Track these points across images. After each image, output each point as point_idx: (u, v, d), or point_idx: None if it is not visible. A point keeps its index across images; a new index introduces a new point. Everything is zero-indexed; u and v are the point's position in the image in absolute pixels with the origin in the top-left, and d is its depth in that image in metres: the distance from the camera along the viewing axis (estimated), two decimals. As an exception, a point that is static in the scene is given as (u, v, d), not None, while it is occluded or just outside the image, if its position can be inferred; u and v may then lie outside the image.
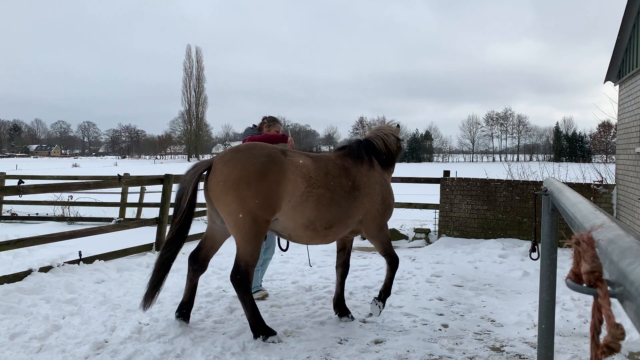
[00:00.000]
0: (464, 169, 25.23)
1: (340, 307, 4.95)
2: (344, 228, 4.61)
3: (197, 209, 11.27)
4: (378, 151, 4.98)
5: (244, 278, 4.21)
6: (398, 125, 5.50)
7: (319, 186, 4.33)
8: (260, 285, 5.68)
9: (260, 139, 5.26)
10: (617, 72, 9.56)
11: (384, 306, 4.86)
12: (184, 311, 4.60)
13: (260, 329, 4.27)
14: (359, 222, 4.70)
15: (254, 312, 4.29)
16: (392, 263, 4.90)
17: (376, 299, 4.83)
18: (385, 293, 4.89)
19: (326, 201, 4.34)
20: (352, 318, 4.88)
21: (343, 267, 5.04)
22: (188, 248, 8.31)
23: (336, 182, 4.45)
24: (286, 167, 4.24)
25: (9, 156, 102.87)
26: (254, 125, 5.73)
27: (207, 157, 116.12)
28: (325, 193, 4.34)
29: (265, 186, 4.10)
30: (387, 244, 4.92)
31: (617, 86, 9.72)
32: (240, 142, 5.52)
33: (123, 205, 12.55)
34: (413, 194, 11.26)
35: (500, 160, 76.15)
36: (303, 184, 4.27)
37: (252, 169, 4.10)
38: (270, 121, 5.67)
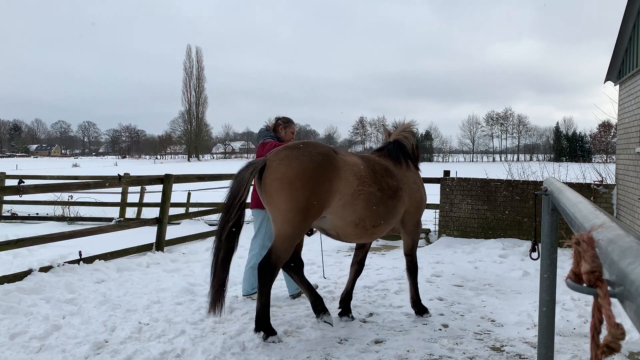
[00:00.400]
0: (464, 168, 25.21)
1: (346, 305, 4.99)
2: (388, 226, 4.74)
3: (196, 209, 11.33)
4: (408, 152, 5.18)
5: (270, 270, 4.23)
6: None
7: (370, 184, 4.43)
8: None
9: (276, 144, 5.17)
10: (617, 72, 9.56)
11: (428, 313, 5.04)
12: (318, 308, 4.65)
13: (263, 325, 4.29)
14: (399, 220, 4.88)
15: (265, 306, 4.32)
16: (412, 268, 5.11)
17: (416, 315, 5.02)
18: (417, 305, 5.06)
19: (376, 200, 4.44)
20: (352, 318, 4.89)
21: (358, 265, 5.17)
22: (189, 248, 8.32)
23: (383, 181, 4.57)
24: (339, 166, 4.31)
25: (9, 156, 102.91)
26: (268, 128, 5.66)
27: (207, 157, 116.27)
28: (376, 192, 4.45)
29: (319, 185, 4.15)
30: (416, 242, 5.17)
31: (617, 86, 9.71)
32: (256, 146, 5.55)
33: (123, 205, 12.56)
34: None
35: (500, 160, 76.13)
36: (355, 182, 4.35)
37: (308, 167, 4.14)
38: (285, 122, 5.63)
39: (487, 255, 7.81)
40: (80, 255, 6.70)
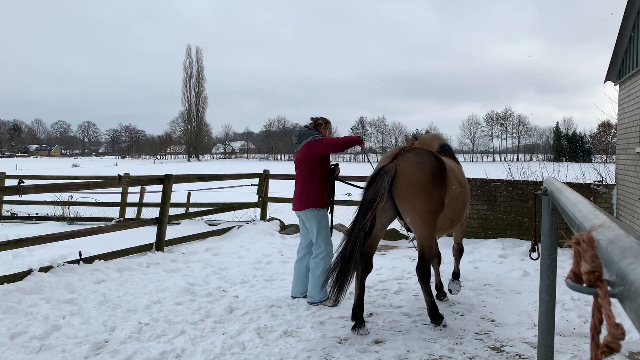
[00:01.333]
0: (464, 168, 25.17)
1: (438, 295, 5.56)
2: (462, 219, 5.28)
3: (196, 209, 11.33)
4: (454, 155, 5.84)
5: (427, 267, 4.68)
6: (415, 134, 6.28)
7: (461, 184, 5.01)
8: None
9: (338, 141, 5.40)
10: (617, 72, 9.55)
11: (447, 297, 5.64)
12: (358, 315, 4.60)
13: (436, 314, 4.72)
14: None
15: (432, 298, 4.78)
16: (460, 250, 5.91)
17: (449, 284, 5.67)
18: (455, 279, 5.73)
19: (463, 198, 5.03)
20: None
21: (437, 257, 5.81)
22: (189, 248, 8.32)
23: (463, 180, 5.17)
24: (447, 170, 4.75)
25: (9, 156, 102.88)
26: (309, 126, 5.77)
27: (207, 157, 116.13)
28: (464, 191, 5.07)
29: (443, 188, 4.61)
30: (463, 233, 5.93)
31: (617, 86, 9.71)
32: (296, 146, 5.69)
33: (123, 205, 12.54)
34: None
35: (500, 160, 76.09)
36: (456, 184, 4.89)
37: (435, 172, 4.56)
38: (326, 122, 5.88)
39: (487, 255, 7.80)
40: (80, 255, 6.70)
